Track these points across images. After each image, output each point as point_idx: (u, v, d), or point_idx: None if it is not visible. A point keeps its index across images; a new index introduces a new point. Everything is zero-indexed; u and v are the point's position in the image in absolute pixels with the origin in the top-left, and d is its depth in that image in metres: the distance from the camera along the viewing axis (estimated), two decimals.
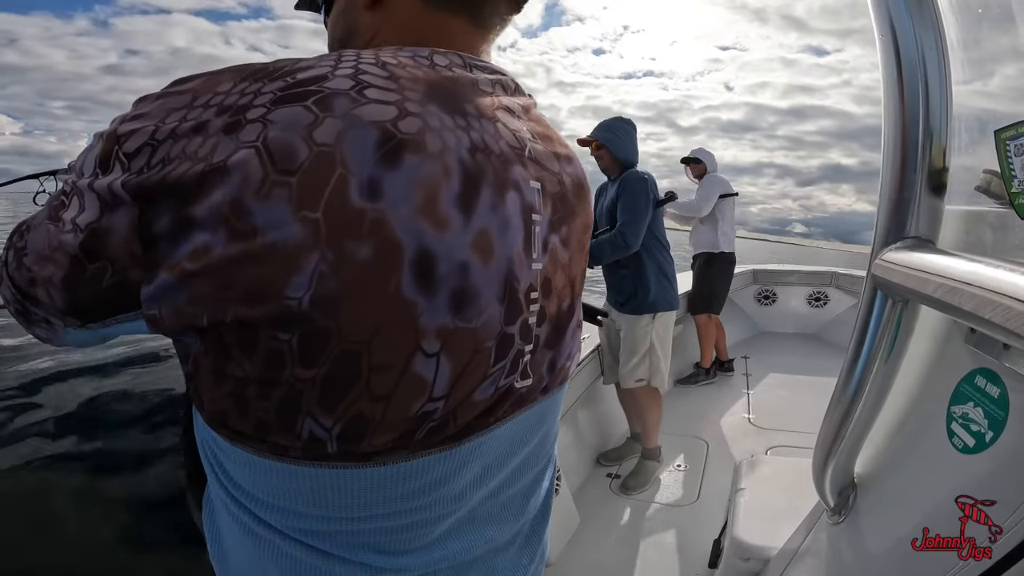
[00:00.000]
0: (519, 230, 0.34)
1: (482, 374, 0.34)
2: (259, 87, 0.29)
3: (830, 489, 0.75)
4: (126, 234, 0.28)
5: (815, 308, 4.03)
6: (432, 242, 0.29)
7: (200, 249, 0.27)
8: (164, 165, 0.27)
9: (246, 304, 0.27)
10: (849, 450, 0.70)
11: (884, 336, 0.61)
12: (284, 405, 0.29)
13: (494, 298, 0.33)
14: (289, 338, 0.28)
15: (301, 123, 0.27)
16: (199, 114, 0.28)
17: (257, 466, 0.32)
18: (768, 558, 1.05)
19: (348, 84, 0.29)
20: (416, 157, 0.29)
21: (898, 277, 0.55)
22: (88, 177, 0.30)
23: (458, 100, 0.33)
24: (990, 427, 0.49)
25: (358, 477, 0.32)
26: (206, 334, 0.29)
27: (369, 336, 0.29)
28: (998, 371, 0.49)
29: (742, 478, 1.36)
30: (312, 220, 0.27)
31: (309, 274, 0.27)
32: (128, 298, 0.30)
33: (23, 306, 0.35)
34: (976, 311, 0.42)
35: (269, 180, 0.26)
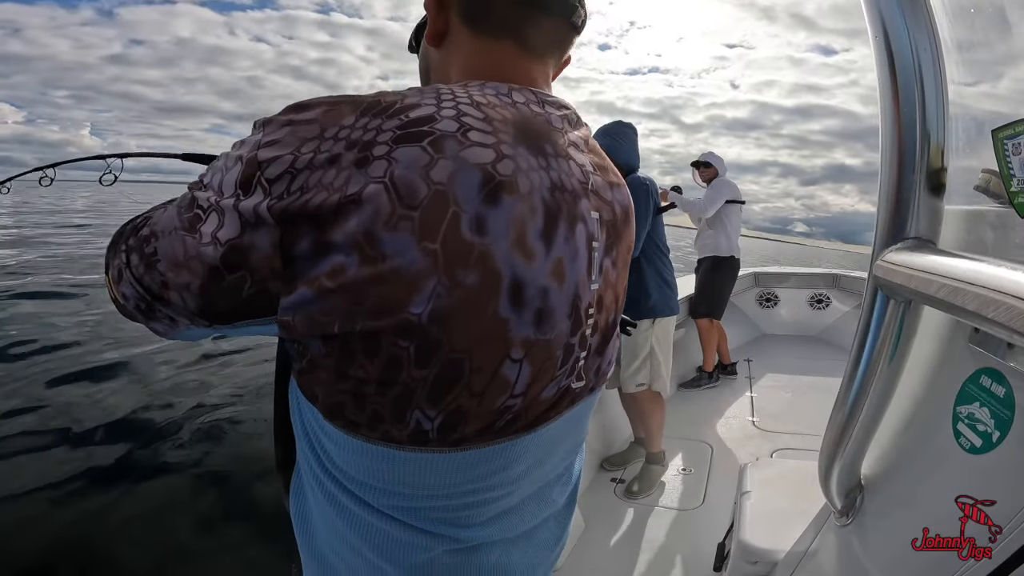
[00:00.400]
0: (584, 258, 0.40)
1: (550, 377, 0.40)
2: (379, 123, 0.33)
3: (837, 491, 0.74)
4: (268, 252, 0.33)
5: (816, 310, 4.03)
6: (522, 272, 0.35)
7: (337, 269, 0.32)
8: (303, 193, 0.32)
9: (374, 317, 0.32)
10: (855, 452, 0.69)
11: (887, 337, 0.61)
12: (398, 400, 0.35)
13: (564, 315, 0.39)
14: (408, 346, 0.33)
15: (419, 163, 0.32)
16: (331, 146, 0.32)
17: (363, 451, 0.37)
18: (776, 561, 1.05)
19: (454, 127, 0.34)
20: (511, 197, 0.35)
21: (900, 278, 0.55)
22: (230, 197, 0.34)
23: (540, 141, 0.39)
24: (997, 427, 0.49)
25: (448, 460, 0.38)
26: (333, 340, 0.34)
27: (471, 346, 0.34)
28: (1003, 371, 0.49)
29: (747, 481, 1.35)
30: (432, 250, 0.32)
31: (428, 295, 0.32)
32: (263, 306, 0.35)
33: (147, 304, 0.39)
34: (979, 311, 0.42)
35: (396, 214, 0.31)
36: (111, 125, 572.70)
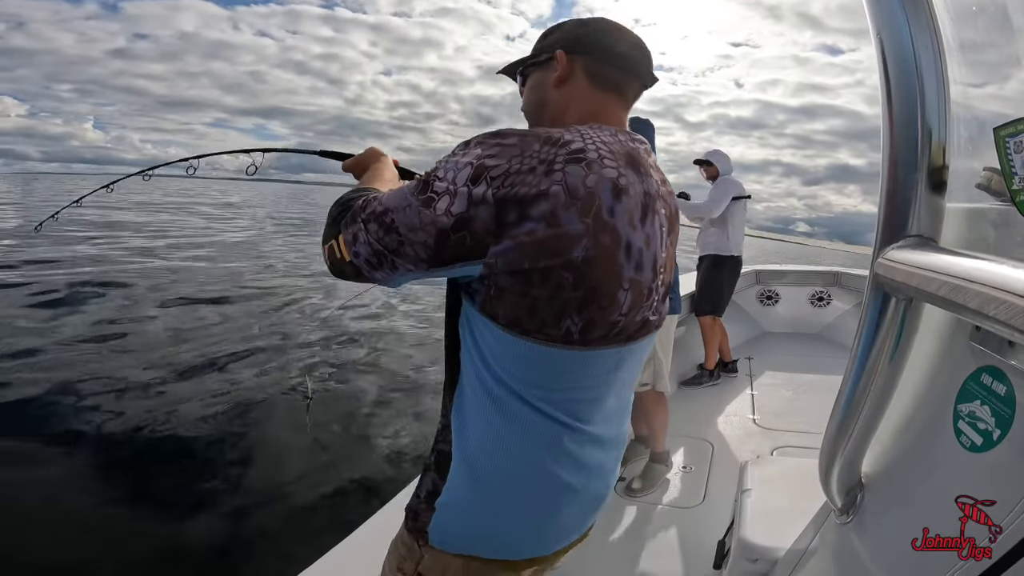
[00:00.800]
0: (658, 235, 0.62)
1: (640, 305, 0.61)
2: (555, 151, 0.54)
3: (837, 489, 0.75)
4: (487, 219, 0.53)
5: (818, 308, 4.02)
6: (631, 238, 0.58)
7: (531, 231, 0.53)
8: (513, 186, 0.52)
9: (550, 257, 0.53)
10: (855, 450, 0.69)
11: (888, 335, 0.61)
12: (558, 312, 0.56)
13: (650, 267, 0.61)
14: (568, 276, 0.54)
15: (580, 175, 0.54)
16: (530, 162, 0.53)
17: (527, 352, 0.58)
18: (776, 559, 1.05)
19: (595, 155, 0.56)
20: (626, 197, 0.57)
21: (901, 276, 0.55)
22: (463, 185, 0.53)
23: (638, 165, 0.60)
24: (997, 425, 0.49)
25: (582, 357, 0.59)
26: (521, 273, 0.54)
27: (602, 278, 0.56)
28: (1004, 368, 0.49)
29: (748, 479, 1.36)
30: (586, 223, 0.54)
31: (583, 246, 0.54)
32: (473, 252, 0.54)
33: (379, 259, 0.58)
34: (981, 308, 0.42)
35: (567, 202, 0.53)
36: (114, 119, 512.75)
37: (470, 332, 0.62)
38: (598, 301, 0.57)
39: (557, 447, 0.64)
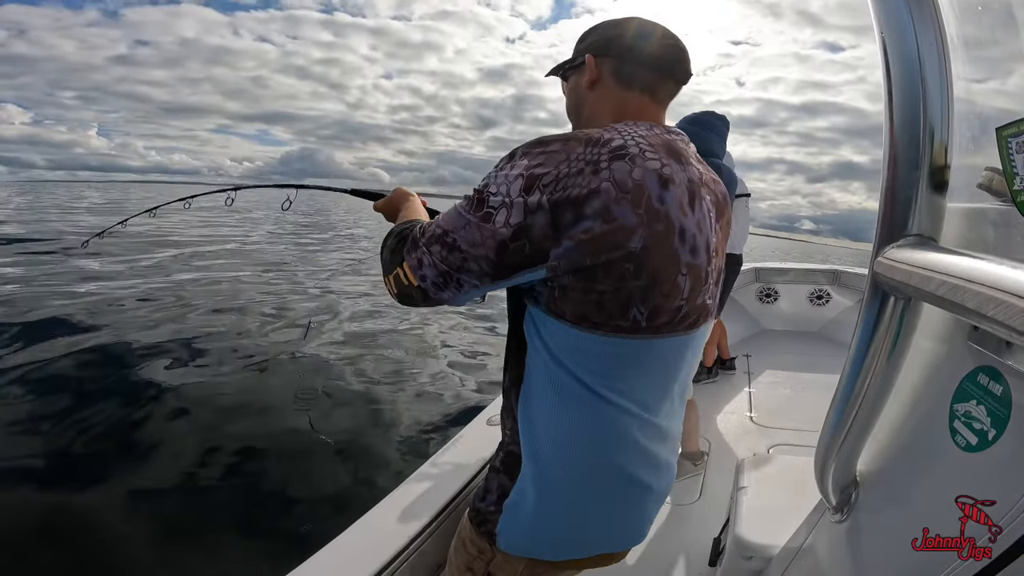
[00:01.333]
0: (708, 220, 0.64)
1: (700, 289, 0.63)
2: (598, 151, 0.57)
3: (832, 487, 0.75)
4: (544, 225, 0.56)
5: (817, 306, 4.02)
6: (684, 223, 0.60)
7: (588, 229, 0.55)
8: (565, 189, 0.55)
9: (610, 251, 0.56)
10: (851, 448, 0.70)
11: (886, 334, 0.61)
12: (624, 302, 0.58)
13: (703, 251, 0.63)
14: (629, 266, 0.57)
15: (625, 170, 0.56)
16: (577, 165, 0.56)
17: (596, 344, 0.60)
18: (770, 556, 1.05)
19: (637, 150, 0.58)
20: (673, 185, 0.59)
21: (900, 275, 0.55)
22: (518, 196, 0.56)
23: (679, 155, 0.63)
24: (993, 425, 0.49)
25: (650, 346, 0.62)
26: (583, 271, 0.57)
27: (662, 265, 0.58)
28: (1001, 369, 0.49)
29: (744, 476, 1.36)
30: (639, 213, 0.56)
31: (639, 236, 0.56)
32: (535, 258, 0.57)
33: (445, 279, 0.61)
34: (979, 309, 0.42)
35: (618, 196, 0.55)
36: (118, 126, 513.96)
37: (537, 333, 0.64)
38: (660, 287, 0.59)
39: (628, 439, 0.66)
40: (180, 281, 6.64)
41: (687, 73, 0.70)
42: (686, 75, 0.70)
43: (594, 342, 0.60)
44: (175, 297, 5.80)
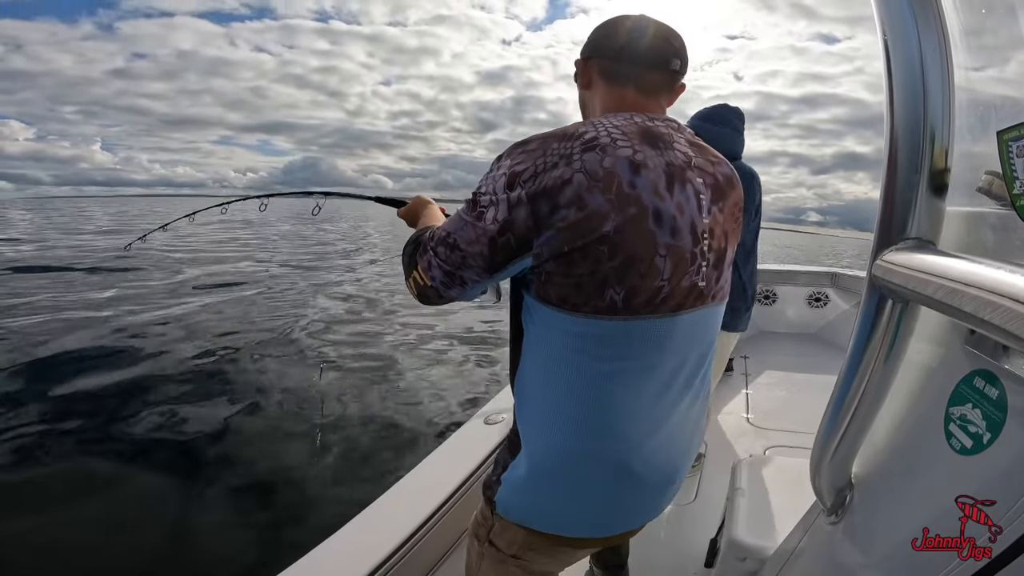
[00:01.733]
0: (694, 202, 0.65)
1: (684, 271, 0.64)
2: (571, 144, 0.61)
3: (827, 489, 0.75)
4: (525, 217, 0.60)
5: (815, 308, 4.03)
6: (659, 206, 0.62)
7: (564, 217, 0.59)
8: (541, 183, 0.59)
9: (584, 236, 0.59)
10: (846, 450, 0.70)
11: (884, 337, 0.61)
12: (600, 284, 0.61)
13: (687, 232, 0.64)
14: (604, 248, 0.59)
15: (596, 159, 0.60)
16: (552, 159, 0.60)
17: (578, 325, 0.63)
18: (765, 558, 1.06)
19: (607, 140, 0.62)
20: (645, 170, 0.62)
21: (898, 278, 0.55)
22: (502, 193, 0.61)
23: (656, 140, 0.65)
24: (988, 428, 0.49)
25: (627, 327, 0.63)
26: (563, 256, 0.60)
27: (637, 247, 0.60)
28: (997, 373, 0.49)
29: (740, 478, 1.36)
30: (610, 199, 0.59)
31: (612, 221, 0.59)
32: (520, 248, 0.62)
33: (450, 278, 0.67)
34: (976, 313, 0.42)
35: (590, 185, 0.59)
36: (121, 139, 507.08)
37: (530, 319, 0.69)
38: (636, 267, 0.61)
39: (614, 423, 0.67)
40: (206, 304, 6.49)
41: (674, 59, 0.71)
42: (673, 62, 0.71)
43: (574, 323, 0.63)
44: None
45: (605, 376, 0.65)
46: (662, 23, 0.72)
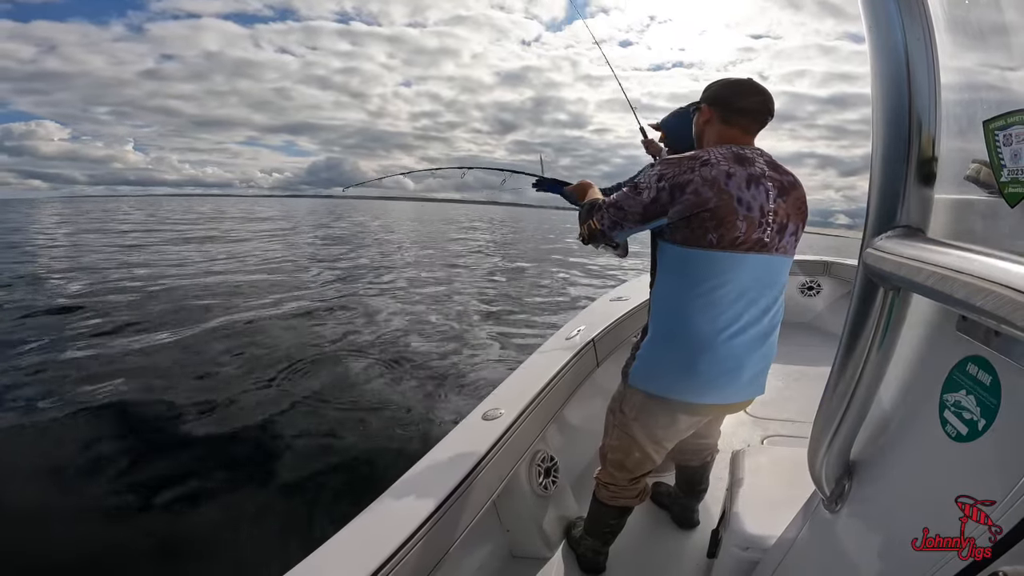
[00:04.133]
0: (763, 195, 1.06)
1: (753, 230, 1.04)
2: (694, 163, 1.05)
3: (826, 478, 0.75)
4: (667, 197, 1.06)
5: (807, 297, 4.05)
6: (742, 196, 1.03)
7: (686, 200, 1.04)
8: (676, 180, 1.05)
9: (699, 208, 1.03)
10: (843, 439, 0.70)
11: (876, 325, 0.62)
12: (705, 230, 1.04)
13: (757, 210, 1.04)
14: (707, 214, 1.03)
15: (708, 171, 1.04)
16: (683, 169, 1.06)
17: (691, 256, 1.07)
18: (766, 547, 1.06)
19: (714, 161, 1.05)
20: (735, 177, 1.04)
21: (889, 266, 0.55)
22: (655, 184, 1.08)
23: (743, 160, 1.07)
24: (982, 414, 0.49)
25: (721, 258, 1.05)
26: (684, 219, 1.05)
27: (726, 214, 1.03)
28: (989, 359, 0.50)
29: (739, 468, 1.37)
30: (714, 191, 1.03)
31: (714, 202, 1.02)
32: (660, 213, 1.08)
33: (616, 225, 1.17)
34: (967, 299, 0.43)
35: (703, 185, 1.03)
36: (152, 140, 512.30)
37: (662, 255, 1.13)
38: (725, 225, 1.02)
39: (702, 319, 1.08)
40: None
41: (770, 114, 1.15)
42: (769, 117, 1.16)
43: (690, 253, 1.06)
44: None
45: (701, 287, 1.07)
46: (764, 88, 1.15)
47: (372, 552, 0.99)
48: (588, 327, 2.22)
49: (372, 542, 1.02)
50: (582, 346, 2.04)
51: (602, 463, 1.40)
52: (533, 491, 1.65)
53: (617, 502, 1.39)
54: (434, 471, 1.27)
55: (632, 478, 1.34)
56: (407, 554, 1.01)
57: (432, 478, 1.23)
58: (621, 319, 2.38)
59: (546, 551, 1.62)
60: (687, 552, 1.63)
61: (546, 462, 1.72)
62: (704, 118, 1.18)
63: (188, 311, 5.90)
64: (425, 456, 1.34)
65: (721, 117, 1.15)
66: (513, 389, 1.69)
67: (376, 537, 1.03)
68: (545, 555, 1.61)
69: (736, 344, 1.09)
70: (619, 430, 1.28)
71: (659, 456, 1.30)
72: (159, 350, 4.57)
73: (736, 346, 1.09)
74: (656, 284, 1.17)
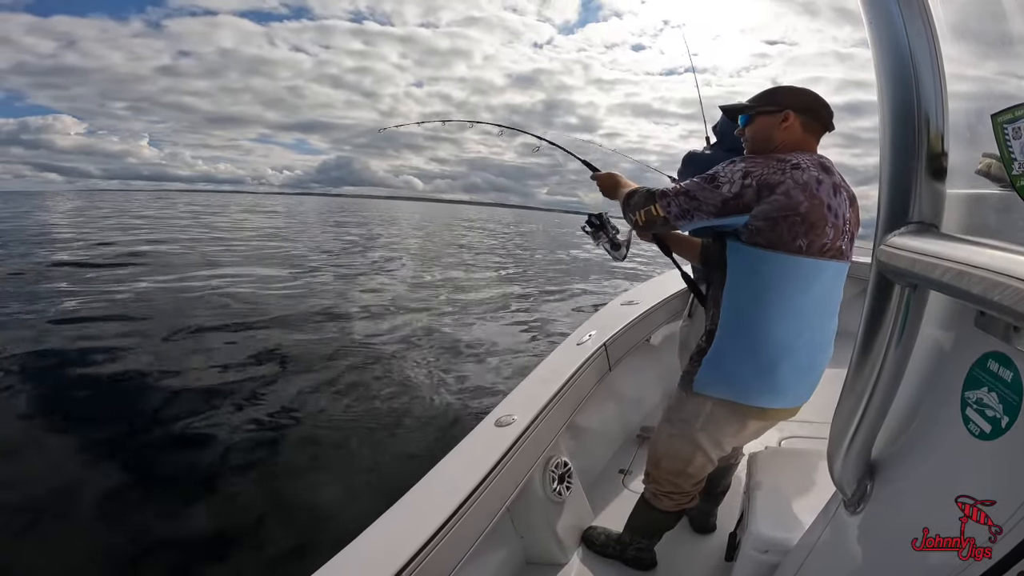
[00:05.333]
0: (844, 202, 1.07)
1: (839, 237, 1.06)
2: (785, 165, 1.04)
3: (847, 479, 0.74)
4: (752, 194, 1.03)
5: None
6: (830, 203, 1.04)
7: (776, 200, 1.02)
8: (766, 179, 1.03)
9: (790, 211, 1.02)
10: (864, 439, 0.69)
11: (893, 322, 0.61)
12: (795, 235, 1.03)
13: (842, 217, 1.06)
14: (798, 219, 1.02)
15: (799, 175, 1.03)
16: (772, 169, 1.04)
17: (778, 261, 1.05)
18: (787, 550, 1.05)
19: (805, 166, 1.05)
20: (823, 184, 1.04)
21: (904, 263, 0.55)
22: (739, 179, 1.05)
23: (827, 168, 1.08)
24: (1005, 412, 0.48)
25: (807, 264, 1.05)
26: (771, 219, 1.03)
27: (817, 219, 1.03)
28: (1010, 354, 0.49)
29: (757, 471, 1.35)
30: (806, 195, 1.02)
31: (805, 205, 1.02)
32: (743, 210, 1.05)
33: (685, 214, 1.11)
34: (985, 294, 0.42)
35: (794, 187, 1.02)
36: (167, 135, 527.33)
37: (735, 257, 1.11)
38: (816, 231, 1.03)
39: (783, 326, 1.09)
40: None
41: (833, 125, 1.19)
42: (832, 126, 1.19)
43: (776, 258, 1.05)
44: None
45: (783, 292, 1.07)
46: (821, 98, 1.17)
47: (388, 559, 0.99)
48: (600, 331, 2.22)
49: (388, 549, 1.02)
50: (594, 350, 2.03)
51: (654, 472, 1.36)
52: (547, 497, 1.64)
53: (681, 507, 1.38)
54: (448, 478, 1.27)
55: (695, 482, 1.33)
56: (422, 561, 1.01)
57: (446, 485, 1.23)
58: (633, 323, 2.37)
59: (561, 557, 1.61)
60: (704, 555, 1.61)
61: (560, 468, 1.71)
62: (786, 123, 1.16)
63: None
64: (439, 463, 1.34)
65: (804, 124, 1.16)
66: (526, 394, 1.69)
67: (391, 544, 1.03)
68: (560, 561, 1.60)
69: (812, 349, 1.13)
70: (680, 439, 1.25)
71: (719, 461, 1.30)
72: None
73: (812, 351, 1.13)
74: (728, 288, 1.13)
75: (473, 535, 1.17)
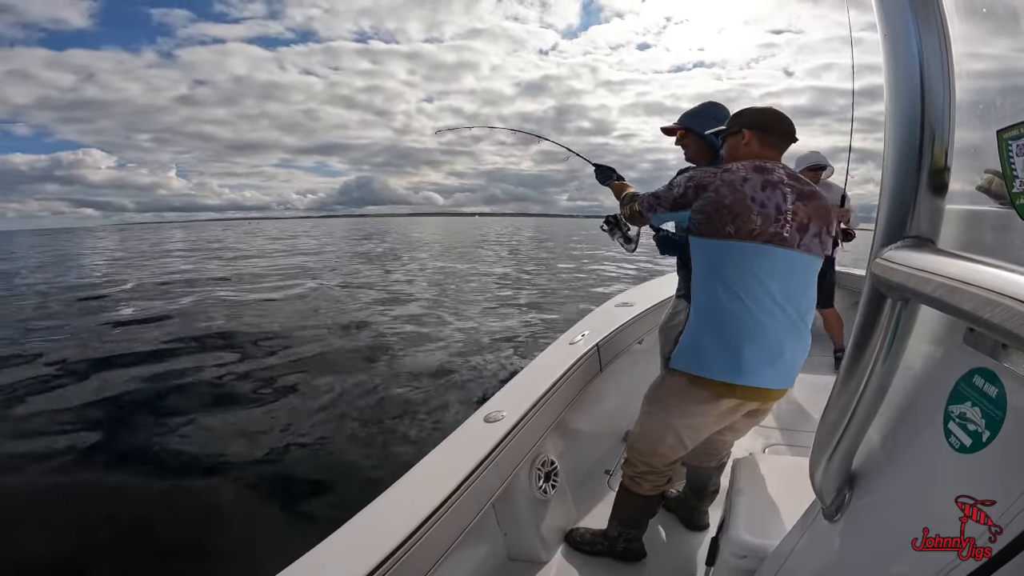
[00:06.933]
0: (779, 197, 1.29)
1: (768, 225, 1.27)
2: (717, 171, 1.34)
3: (827, 488, 0.75)
4: (692, 193, 1.35)
5: None
6: (755, 196, 1.28)
7: (708, 197, 1.32)
8: (699, 181, 1.35)
9: (718, 204, 1.29)
10: (846, 449, 0.70)
11: (883, 335, 0.61)
12: (724, 223, 1.28)
13: (773, 207, 1.28)
14: (725, 210, 1.28)
15: (728, 177, 1.32)
16: (707, 175, 1.34)
17: (715, 247, 1.31)
18: (764, 556, 1.06)
19: (737, 168, 1.33)
20: (751, 183, 1.30)
21: (898, 276, 0.55)
22: (684, 183, 1.37)
23: (762, 170, 1.33)
24: (987, 427, 0.49)
25: (740, 247, 1.28)
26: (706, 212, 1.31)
27: (742, 208, 1.27)
28: (996, 371, 0.49)
29: (739, 477, 1.36)
30: (730, 190, 1.29)
31: (729, 199, 1.28)
32: (688, 204, 1.36)
33: (651, 208, 1.48)
34: (975, 311, 0.42)
35: (723, 186, 1.30)
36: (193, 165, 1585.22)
37: (694, 247, 1.36)
38: (741, 218, 1.25)
39: (744, 306, 1.26)
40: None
41: (793, 137, 1.41)
42: (793, 139, 1.41)
43: (712, 244, 1.29)
44: None
45: (728, 273, 1.28)
46: (781, 113, 1.42)
47: (369, 551, 0.99)
48: (592, 332, 2.22)
49: (369, 541, 1.02)
50: (586, 351, 2.04)
51: (630, 453, 1.54)
52: (533, 494, 1.65)
53: (658, 490, 1.54)
54: (434, 472, 1.27)
55: (668, 463, 1.49)
56: (404, 554, 1.01)
57: (432, 479, 1.23)
58: (626, 324, 2.38)
59: (543, 554, 1.62)
60: (687, 560, 1.62)
61: (546, 466, 1.71)
62: (744, 140, 1.42)
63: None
64: (426, 457, 1.35)
65: (760, 140, 1.41)
66: (516, 392, 1.70)
67: (374, 536, 1.03)
68: (542, 559, 1.61)
69: (773, 329, 1.27)
70: (654, 417, 1.46)
71: (691, 444, 1.45)
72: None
73: (774, 331, 1.28)
74: (694, 276, 1.38)
75: (457, 529, 1.17)
